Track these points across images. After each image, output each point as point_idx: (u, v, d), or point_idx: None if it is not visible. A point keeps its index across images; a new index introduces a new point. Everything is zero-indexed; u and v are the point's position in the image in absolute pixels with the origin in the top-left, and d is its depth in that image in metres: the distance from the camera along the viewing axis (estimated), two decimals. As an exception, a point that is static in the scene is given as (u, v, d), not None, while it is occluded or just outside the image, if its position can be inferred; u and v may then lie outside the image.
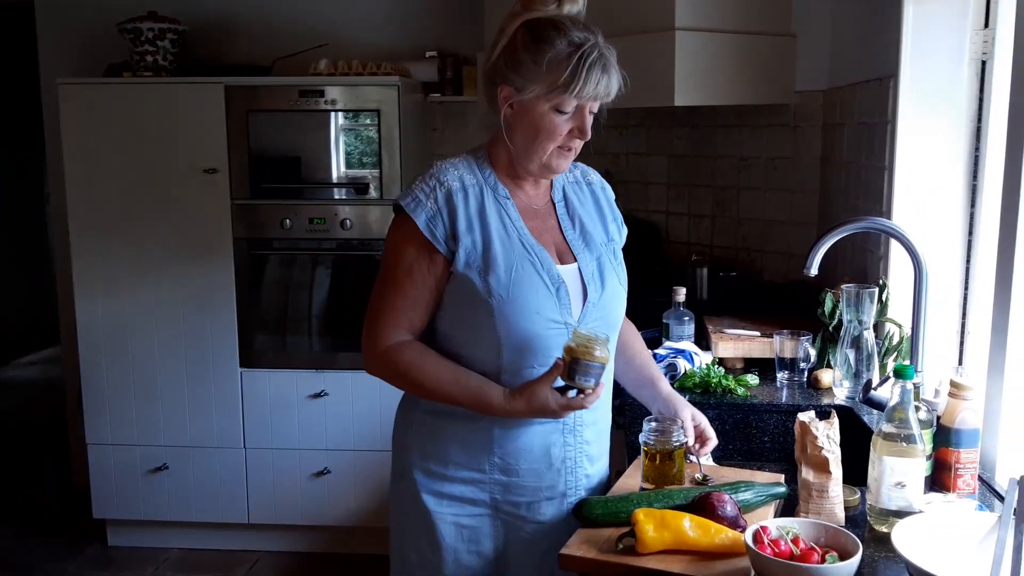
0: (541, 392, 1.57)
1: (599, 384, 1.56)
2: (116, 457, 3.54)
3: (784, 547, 1.33)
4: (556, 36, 1.56)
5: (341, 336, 3.46)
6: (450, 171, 1.65)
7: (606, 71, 1.57)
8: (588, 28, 1.59)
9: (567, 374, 1.54)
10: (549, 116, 1.58)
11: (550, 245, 1.68)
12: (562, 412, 1.59)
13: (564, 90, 1.55)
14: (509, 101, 1.61)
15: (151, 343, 3.47)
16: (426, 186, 1.63)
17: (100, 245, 3.42)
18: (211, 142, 3.34)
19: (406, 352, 1.64)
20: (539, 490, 1.68)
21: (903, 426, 1.50)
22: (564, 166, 1.67)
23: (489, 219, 1.63)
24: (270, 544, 3.63)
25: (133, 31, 3.40)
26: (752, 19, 2.93)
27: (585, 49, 1.55)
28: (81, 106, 3.35)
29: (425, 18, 3.76)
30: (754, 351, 2.45)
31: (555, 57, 1.55)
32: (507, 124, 1.63)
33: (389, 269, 1.65)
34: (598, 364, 1.53)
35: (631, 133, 3.63)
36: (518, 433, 1.65)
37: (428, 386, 1.64)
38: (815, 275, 2.00)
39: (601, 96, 1.59)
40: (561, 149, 1.63)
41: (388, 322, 1.65)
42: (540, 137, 1.60)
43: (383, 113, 3.30)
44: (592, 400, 1.58)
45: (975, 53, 2.15)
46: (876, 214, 2.36)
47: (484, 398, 1.60)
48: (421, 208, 1.61)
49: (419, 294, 1.64)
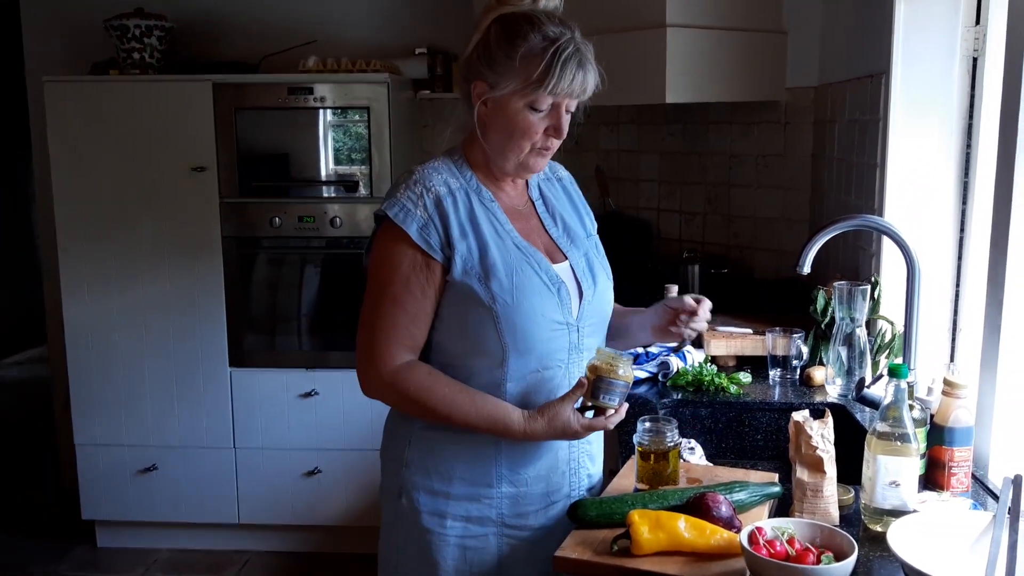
0: (563, 412, 1.53)
1: (622, 404, 1.54)
2: (105, 458, 3.51)
3: (779, 548, 1.33)
4: (530, 31, 1.51)
5: (331, 335, 3.45)
6: (434, 176, 1.60)
7: (582, 67, 1.52)
8: (564, 23, 1.54)
9: (590, 393, 1.52)
10: (524, 114, 1.54)
11: (540, 245, 1.65)
12: (584, 433, 1.55)
13: (538, 86, 1.50)
14: (483, 98, 1.56)
15: (140, 343, 3.44)
16: (412, 193, 1.57)
17: (88, 244, 3.39)
18: (199, 140, 3.32)
19: (414, 375, 1.57)
20: (546, 495, 1.66)
21: (897, 425, 1.49)
22: (541, 165, 1.63)
23: (480, 224, 1.58)
24: (260, 544, 3.62)
25: (120, 28, 3.37)
26: (743, 16, 2.92)
27: (560, 44, 1.50)
28: (67, 104, 3.32)
29: (414, 14, 3.74)
30: (746, 349, 2.45)
31: (528, 52, 1.50)
32: (481, 122, 1.59)
33: (384, 284, 1.57)
34: (622, 383, 1.51)
35: (622, 130, 3.62)
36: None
37: (442, 411, 1.56)
38: (808, 273, 1.99)
39: (577, 93, 1.54)
40: (538, 149, 1.58)
41: (390, 342, 1.56)
42: (515, 136, 1.55)
43: (373, 110, 3.28)
44: (615, 420, 1.55)
45: (966, 50, 2.14)
46: (868, 211, 2.36)
47: (502, 421, 1.55)
48: (411, 217, 1.55)
49: (419, 308, 1.57)
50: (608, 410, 1.54)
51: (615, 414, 1.55)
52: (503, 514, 1.64)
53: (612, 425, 1.57)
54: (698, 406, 2.21)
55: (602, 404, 1.52)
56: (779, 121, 3.12)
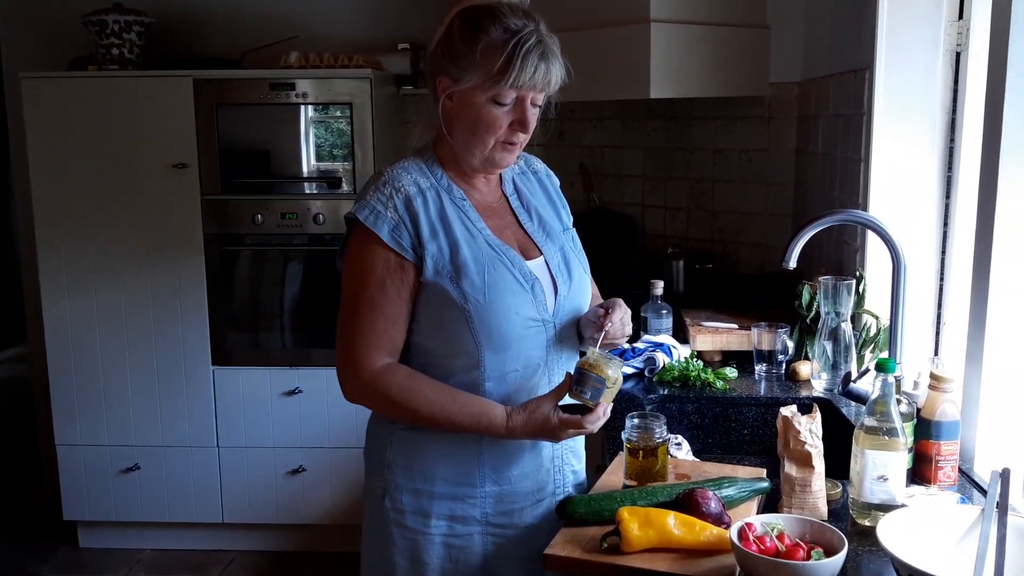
0: (543, 408, 1.53)
1: (599, 404, 1.52)
2: (86, 458, 3.48)
3: (769, 544, 1.33)
4: (491, 23, 1.50)
5: (315, 333, 3.42)
6: (403, 176, 1.58)
7: (544, 59, 1.50)
8: (528, 15, 1.53)
9: (570, 386, 1.51)
10: (487, 108, 1.52)
11: (513, 242, 1.64)
12: (563, 431, 1.54)
13: (499, 79, 1.49)
14: (447, 92, 1.55)
15: (121, 341, 3.41)
16: (382, 195, 1.56)
17: (67, 242, 3.35)
18: (180, 137, 3.28)
19: (396, 377, 1.56)
20: (530, 494, 1.65)
21: (885, 419, 1.50)
22: (508, 160, 1.61)
23: (451, 223, 1.57)
24: (245, 543, 3.59)
25: (98, 23, 3.32)
26: (727, 11, 2.92)
27: (522, 36, 1.49)
28: (45, 100, 3.28)
29: (397, 10, 3.72)
30: (732, 344, 2.45)
31: (489, 45, 1.49)
32: (447, 118, 1.58)
33: (359, 289, 1.56)
34: (600, 378, 1.50)
35: (606, 125, 3.62)
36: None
37: (424, 412, 1.56)
38: (794, 267, 2.00)
39: (540, 86, 1.52)
40: (503, 143, 1.57)
41: (369, 346, 1.56)
42: (479, 131, 1.54)
43: (355, 106, 3.26)
44: (594, 421, 1.53)
45: (950, 45, 2.15)
46: (852, 206, 2.37)
47: (486, 418, 1.54)
48: (381, 219, 1.54)
49: (396, 310, 1.56)
50: (590, 413, 1.52)
51: (594, 414, 1.52)
52: (487, 513, 1.63)
53: (592, 427, 1.54)
54: (684, 401, 2.21)
55: (580, 398, 1.51)
56: (763, 116, 3.12)
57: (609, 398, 1.54)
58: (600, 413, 1.54)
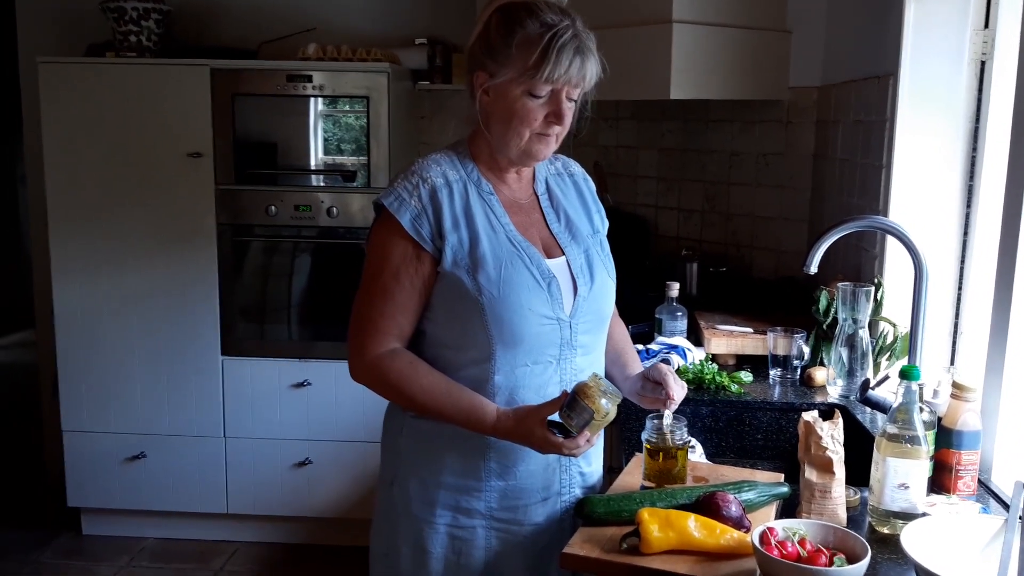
0: (532, 418, 1.52)
1: (582, 434, 1.49)
2: (92, 445, 3.47)
3: (791, 549, 1.32)
4: (527, 18, 1.52)
5: (325, 325, 3.42)
6: (432, 167, 1.60)
7: (580, 54, 1.52)
8: (565, 12, 1.55)
9: (561, 407, 1.49)
10: (522, 101, 1.54)
11: (536, 240, 1.65)
12: (545, 446, 1.52)
13: (535, 72, 1.50)
14: (484, 87, 1.57)
15: (130, 329, 3.40)
16: (409, 184, 1.58)
17: (80, 229, 3.35)
18: (195, 126, 3.28)
19: (396, 362, 1.58)
20: (536, 491, 1.65)
21: (907, 427, 1.49)
22: (545, 152, 1.61)
23: (475, 216, 1.59)
24: (249, 535, 3.59)
25: (117, 10, 3.32)
26: (748, 13, 2.91)
27: (558, 30, 1.50)
28: (61, 86, 3.27)
29: (415, 5, 3.71)
30: (747, 348, 2.44)
31: (525, 38, 1.51)
32: (483, 112, 1.59)
33: (375, 273, 1.59)
34: (590, 410, 1.47)
35: (621, 126, 3.61)
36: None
37: (419, 400, 1.58)
38: (814, 272, 1.99)
39: (575, 80, 1.53)
40: (539, 135, 1.58)
41: (377, 329, 1.59)
42: (515, 123, 1.56)
43: (372, 100, 3.25)
44: (572, 448, 1.51)
45: (975, 53, 2.14)
46: (872, 212, 2.36)
47: (475, 414, 1.55)
48: (405, 207, 1.56)
49: (407, 298, 1.58)
50: (575, 437, 1.50)
51: (574, 442, 1.50)
52: (492, 507, 1.64)
53: (572, 452, 1.52)
54: (699, 404, 2.20)
55: (566, 422, 1.49)
56: (781, 120, 3.11)
57: (595, 430, 1.51)
58: (582, 442, 1.52)
